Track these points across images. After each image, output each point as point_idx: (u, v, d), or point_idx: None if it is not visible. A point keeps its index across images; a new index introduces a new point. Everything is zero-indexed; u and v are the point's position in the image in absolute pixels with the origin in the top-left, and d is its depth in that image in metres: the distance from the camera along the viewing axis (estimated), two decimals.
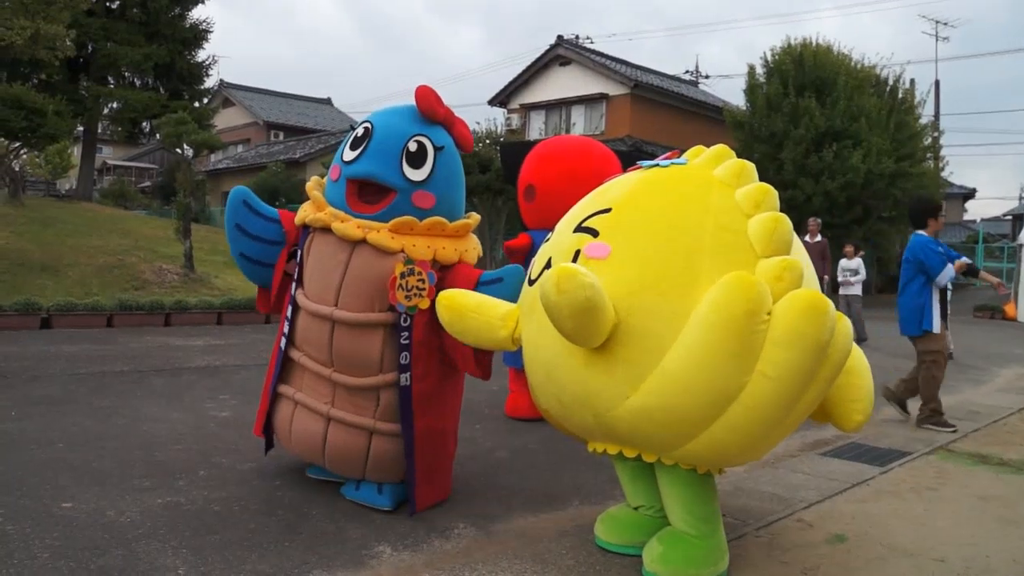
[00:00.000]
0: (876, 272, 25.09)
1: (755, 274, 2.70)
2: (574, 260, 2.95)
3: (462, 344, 3.59)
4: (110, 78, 22.44)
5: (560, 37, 28.36)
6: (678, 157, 3.27)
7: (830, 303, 2.64)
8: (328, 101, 44.42)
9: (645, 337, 2.75)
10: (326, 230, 3.74)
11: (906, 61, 27.91)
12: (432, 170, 3.74)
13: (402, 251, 3.63)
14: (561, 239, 3.17)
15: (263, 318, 11.42)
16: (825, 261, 12.12)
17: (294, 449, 3.99)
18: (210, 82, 25.59)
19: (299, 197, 25.34)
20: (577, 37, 30.15)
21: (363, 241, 3.65)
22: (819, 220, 13.45)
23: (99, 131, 24.08)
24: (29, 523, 3.38)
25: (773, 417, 2.72)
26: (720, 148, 3.16)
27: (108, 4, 21.52)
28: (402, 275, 3.59)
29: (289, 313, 3.92)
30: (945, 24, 31.58)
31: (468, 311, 3.36)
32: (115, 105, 22.47)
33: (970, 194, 39.40)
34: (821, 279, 11.51)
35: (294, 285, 3.91)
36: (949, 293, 6.65)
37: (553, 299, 2.64)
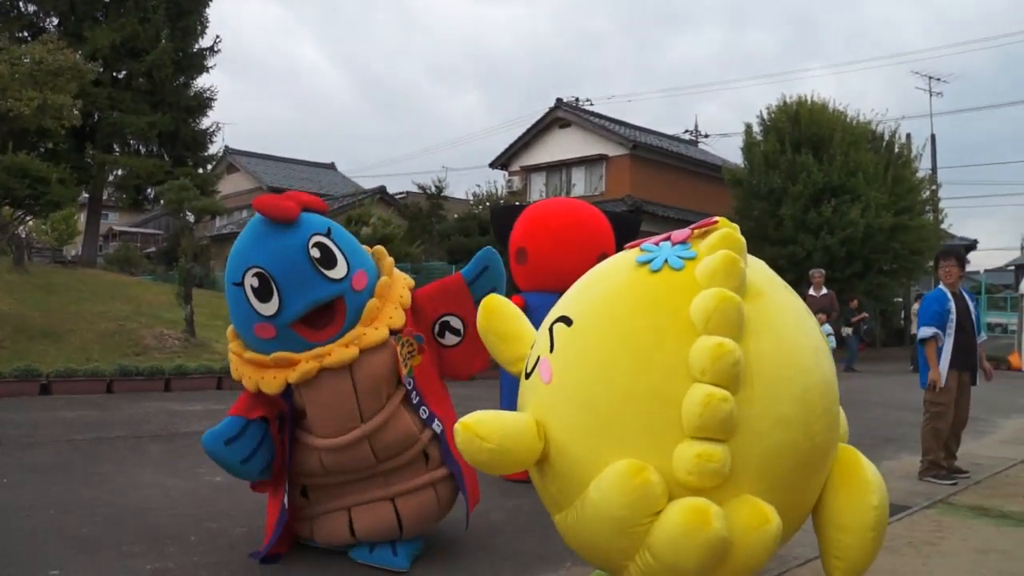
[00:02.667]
0: (880, 325, 25.07)
1: (674, 454, 2.43)
2: (534, 367, 2.90)
3: (459, 354, 3.96)
4: (115, 146, 22.80)
5: (559, 100, 28.78)
6: (692, 235, 2.79)
7: (715, 527, 2.34)
8: (332, 166, 44.86)
9: (564, 479, 2.70)
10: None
11: (901, 116, 28.34)
12: (343, 254, 3.62)
13: (390, 332, 3.63)
14: (544, 331, 2.96)
15: None
16: (833, 313, 12.06)
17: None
18: (214, 148, 25.99)
19: None
20: (576, 99, 30.60)
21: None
22: (823, 271, 13.37)
23: (104, 198, 24.36)
24: None
25: None
26: (725, 259, 2.54)
27: (114, 74, 21.98)
28: (400, 350, 3.67)
29: (292, 461, 3.76)
30: (938, 79, 31.90)
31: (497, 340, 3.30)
32: (120, 172, 22.79)
33: (972, 245, 39.33)
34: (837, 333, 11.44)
35: (290, 435, 3.71)
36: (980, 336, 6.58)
37: (462, 448, 2.74)
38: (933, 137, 29.10)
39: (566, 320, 2.81)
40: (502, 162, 29.91)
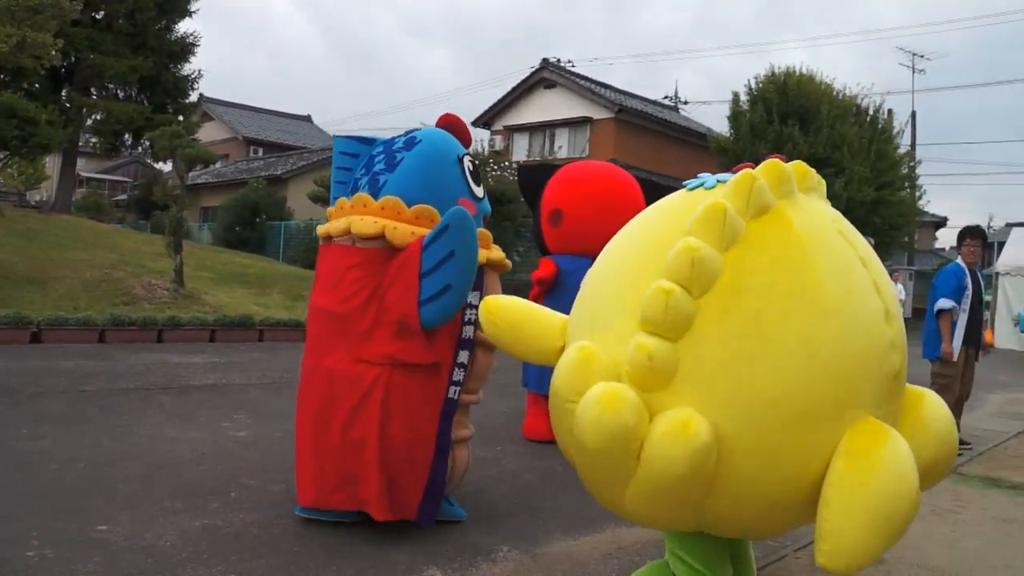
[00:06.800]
0: None
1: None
2: None
3: None
4: (92, 89, 22.17)
5: (545, 60, 28.54)
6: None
7: (618, 408, 2.17)
8: (308, 118, 44.21)
9: None
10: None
11: (885, 91, 28.56)
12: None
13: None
14: None
15: (256, 336, 11.34)
16: None
17: (451, 487, 3.88)
18: (193, 96, 25.41)
19: (280, 214, 25.13)
20: (559, 60, 30.37)
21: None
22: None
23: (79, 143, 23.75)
24: (67, 547, 3.31)
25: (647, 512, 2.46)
26: (742, 176, 2.40)
27: (94, 15, 21.29)
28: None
29: (464, 359, 3.70)
30: (921, 56, 32.14)
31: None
32: (98, 116, 22.19)
33: (941, 222, 39.94)
34: None
35: (470, 327, 3.71)
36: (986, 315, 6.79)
37: (481, 319, 2.97)
38: (914, 114, 29.49)
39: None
40: (484, 120, 29.67)
